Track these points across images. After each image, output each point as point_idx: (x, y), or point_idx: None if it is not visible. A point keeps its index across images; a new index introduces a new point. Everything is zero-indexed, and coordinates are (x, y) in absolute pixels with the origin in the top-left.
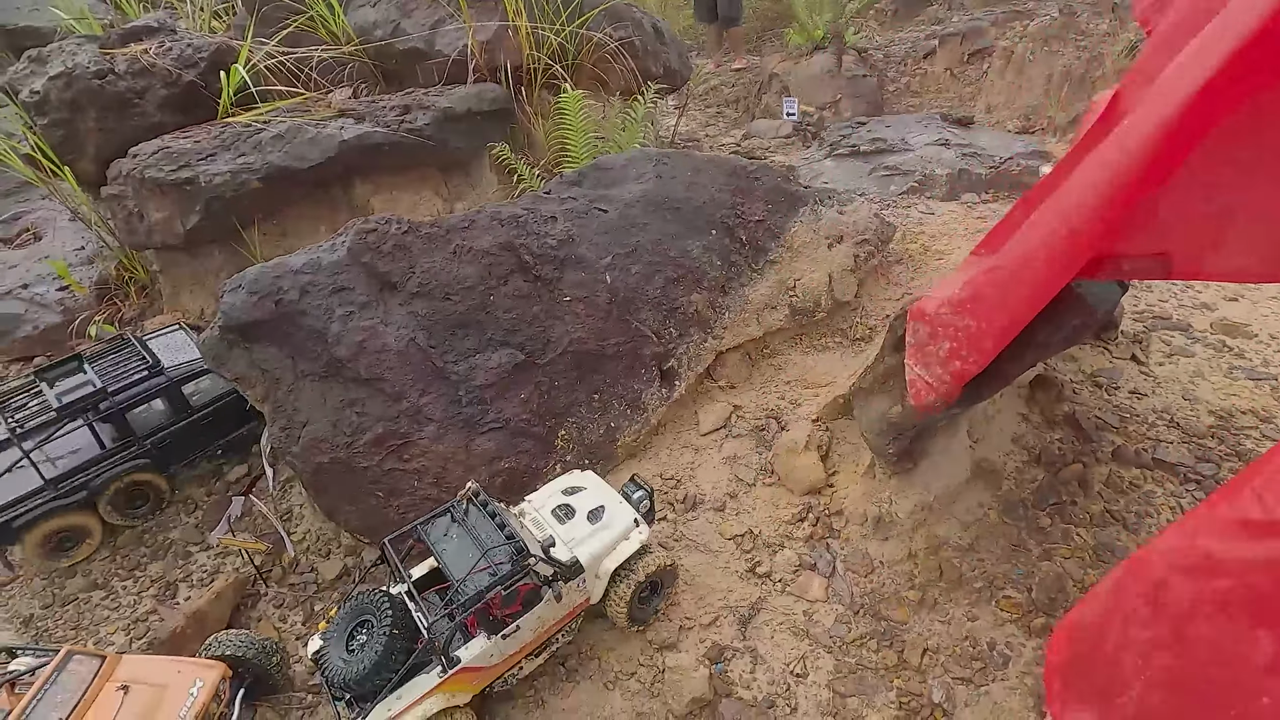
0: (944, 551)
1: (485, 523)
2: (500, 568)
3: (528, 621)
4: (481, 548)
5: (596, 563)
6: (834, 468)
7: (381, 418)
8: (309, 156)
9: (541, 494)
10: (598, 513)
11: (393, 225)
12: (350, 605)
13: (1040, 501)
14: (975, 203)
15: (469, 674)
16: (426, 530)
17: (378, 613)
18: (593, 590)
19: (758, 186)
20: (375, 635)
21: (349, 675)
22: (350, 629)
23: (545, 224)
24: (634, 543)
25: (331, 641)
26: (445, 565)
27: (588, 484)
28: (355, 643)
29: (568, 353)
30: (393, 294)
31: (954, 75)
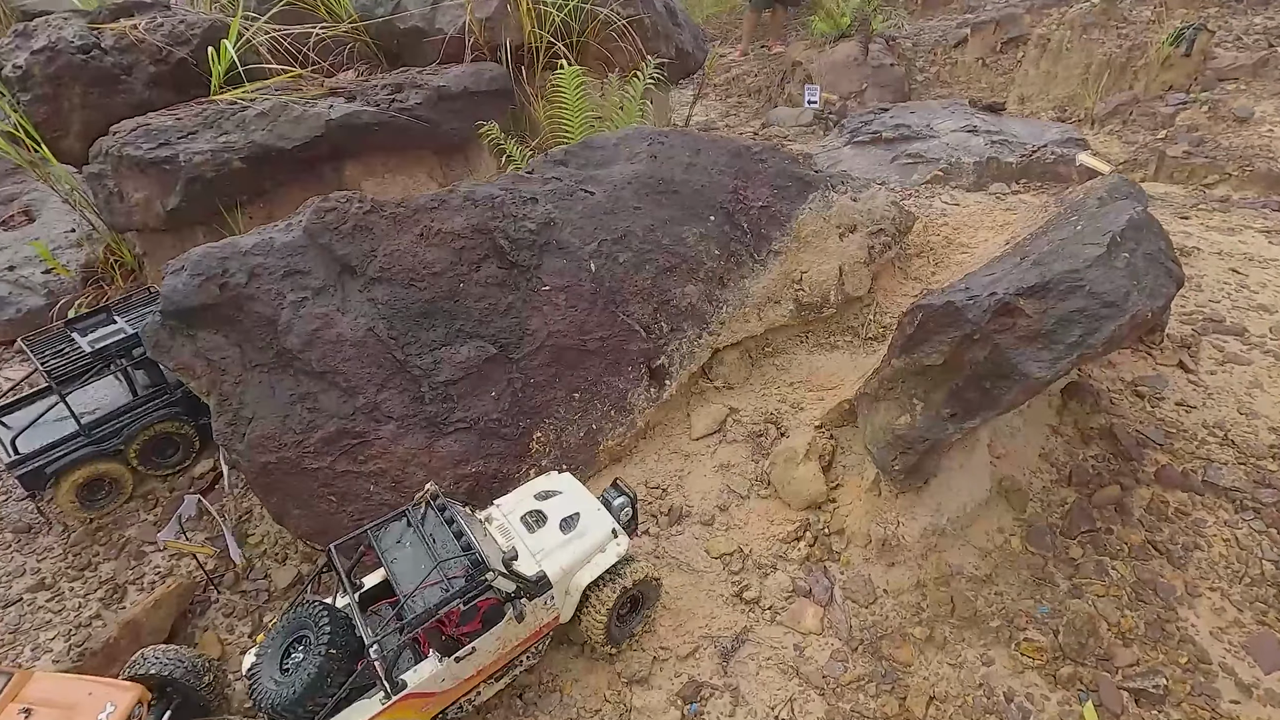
0: (957, 582)
1: (442, 530)
2: (454, 582)
3: (485, 643)
4: (435, 559)
5: (567, 577)
6: (837, 480)
7: (335, 414)
8: (293, 135)
9: (513, 498)
10: (571, 520)
11: (354, 204)
12: (288, 618)
13: (1071, 528)
14: (1005, 193)
15: (417, 700)
16: (378, 536)
17: (315, 628)
18: (562, 608)
19: (763, 169)
20: (310, 653)
21: (279, 699)
22: (286, 645)
23: (524, 206)
24: (610, 555)
25: (265, 658)
26: (394, 577)
27: (564, 488)
28: (290, 661)
29: (545, 347)
30: (352, 279)
31: (986, 65)
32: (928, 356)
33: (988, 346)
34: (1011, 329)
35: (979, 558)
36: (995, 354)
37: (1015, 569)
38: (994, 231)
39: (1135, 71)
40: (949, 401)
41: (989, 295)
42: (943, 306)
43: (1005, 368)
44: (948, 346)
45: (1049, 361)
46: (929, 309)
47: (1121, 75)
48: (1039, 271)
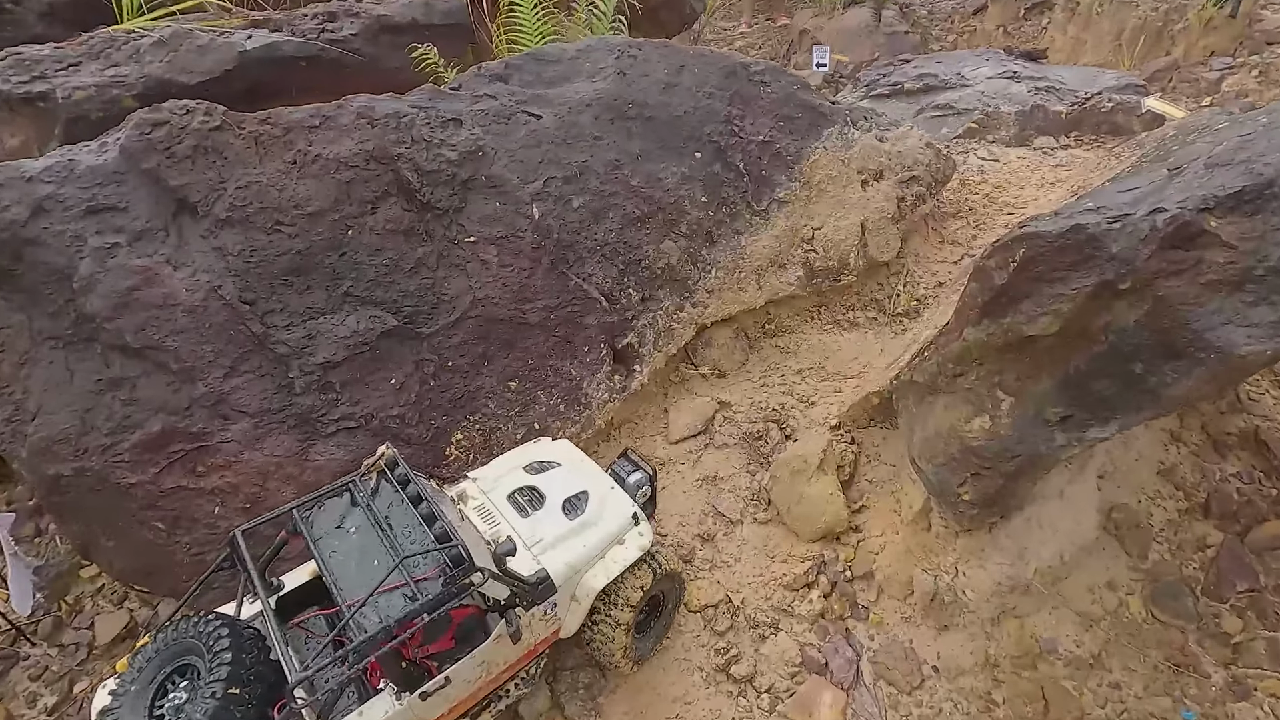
0: (1049, 664)
1: (403, 511)
2: (424, 586)
3: (463, 670)
4: (395, 552)
5: (575, 578)
6: (861, 501)
7: (161, 409)
8: (197, 69)
9: (493, 470)
10: (578, 501)
11: (196, 116)
12: (166, 638)
13: (1219, 584)
14: (1052, 147)
15: None
16: (308, 518)
17: (207, 652)
18: (566, 618)
19: (764, 94)
20: (199, 693)
21: None
22: (161, 680)
23: (442, 128)
24: (631, 549)
25: (126, 700)
26: (332, 577)
27: (562, 457)
28: (166, 704)
29: (469, 319)
30: (191, 220)
31: (1008, 32)
32: (1031, 321)
33: (1146, 301)
34: (1194, 269)
35: (1081, 628)
36: (1161, 313)
37: (1138, 647)
38: (1042, 190)
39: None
40: (1062, 395)
41: (1151, 213)
42: (1064, 234)
43: (1179, 337)
44: (1069, 303)
45: (1273, 326)
46: (1037, 239)
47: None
48: (1245, 171)
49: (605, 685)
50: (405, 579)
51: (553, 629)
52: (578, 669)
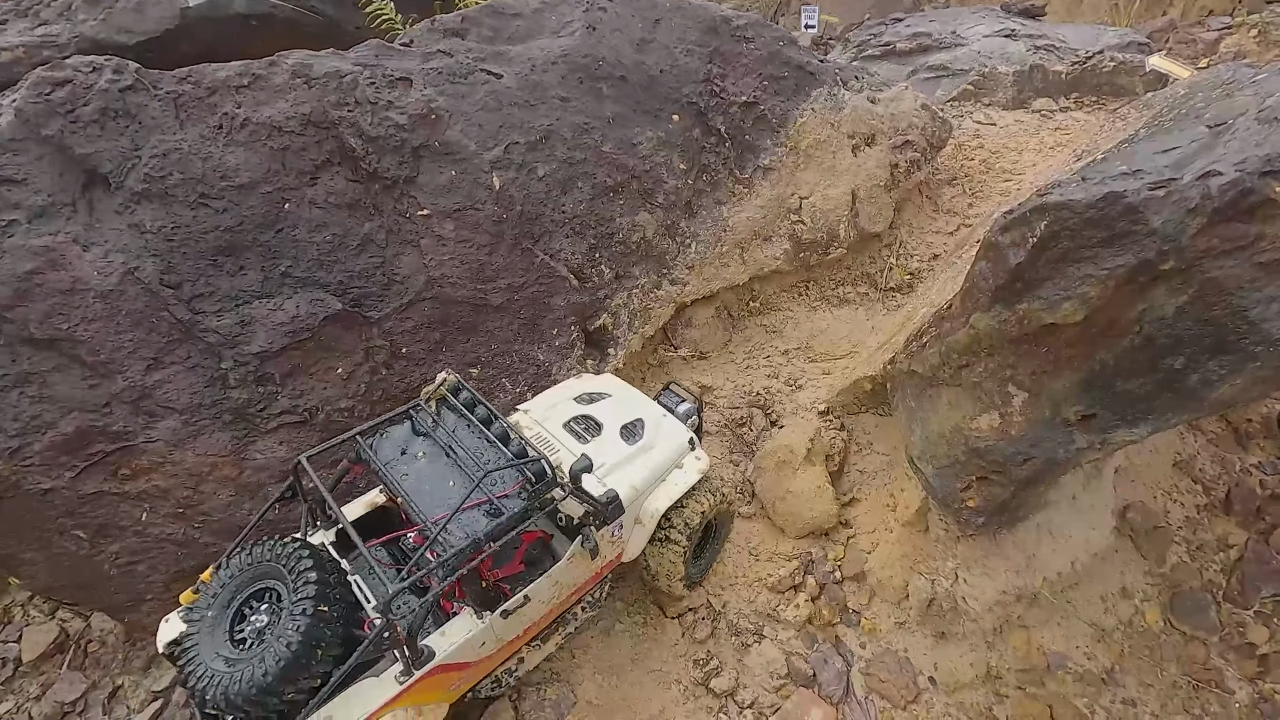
0: (1059, 681)
1: (470, 434)
2: (506, 502)
3: (541, 589)
4: (473, 470)
5: (639, 501)
6: (852, 493)
7: (77, 406)
8: (136, 29)
9: (543, 403)
10: (634, 429)
11: (103, 74)
12: (238, 565)
13: (1244, 590)
14: (1052, 110)
15: (447, 674)
16: (372, 445)
17: (291, 576)
18: (629, 540)
19: (748, 51)
20: (288, 615)
21: (241, 685)
22: (239, 606)
23: (390, 89)
24: (691, 472)
25: (203, 628)
26: (408, 499)
27: (611, 389)
28: (247, 628)
29: (425, 300)
30: (103, 194)
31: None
32: (1052, 307)
33: (1192, 284)
34: (1252, 247)
35: (1094, 640)
36: (1209, 300)
37: (1155, 661)
38: (1041, 155)
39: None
40: (1085, 393)
41: (1202, 177)
42: (1095, 205)
43: (1230, 328)
44: (1098, 286)
45: None
46: (1063, 210)
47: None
48: None
49: (572, 701)
50: (486, 495)
51: (617, 552)
52: (544, 685)
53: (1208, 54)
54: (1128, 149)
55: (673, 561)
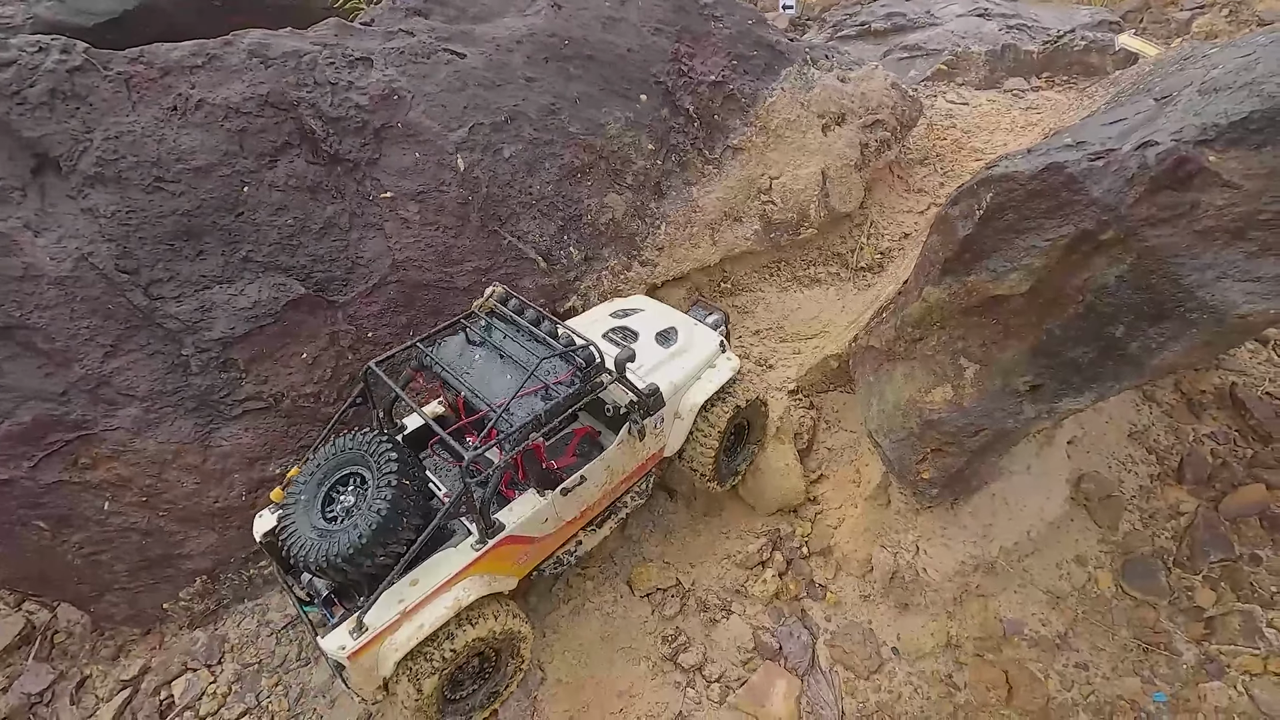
0: (1014, 646)
1: (519, 339)
2: (559, 388)
3: (595, 472)
4: (527, 363)
5: (678, 395)
6: (820, 470)
7: (32, 395)
8: (94, 9)
9: (583, 320)
10: (669, 335)
11: (50, 54)
12: (324, 456)
13: (1193, 556)
14: (1023, 89)
15: (515, 546)
16: (433, 352)
17: (375, 460)
18: (670, 435)
19: (716, 30)
20: (374, 490)
21: (339, 547)
22: (327, 490)
23: (350, 69)
24: (723, 370)
25: (297, 509)
26: (471, 392)
27: (644, 305)
28: (337, 506)
29: (390, 284)
30: (54, 178)
31: None
32: (999, 278)
33: (1131, 253)
34: (1188, 215)
35: (1048, 606)
36: (1148, 268)
37: (1107, 625)
38: (1013, 134)
39: None
40: (1032, 362)
41: (1140, 147)
42: (1038, 175)
43: (1168, 296)
44: (1042, 257)
45: (1279, 281)
46: (1007, 182)
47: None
48: (1251, 94)
49: (540, 679)
50: (541, 382)
51: (659, 445)
52: None
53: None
54: (1080, 123)
55: (707, 455)
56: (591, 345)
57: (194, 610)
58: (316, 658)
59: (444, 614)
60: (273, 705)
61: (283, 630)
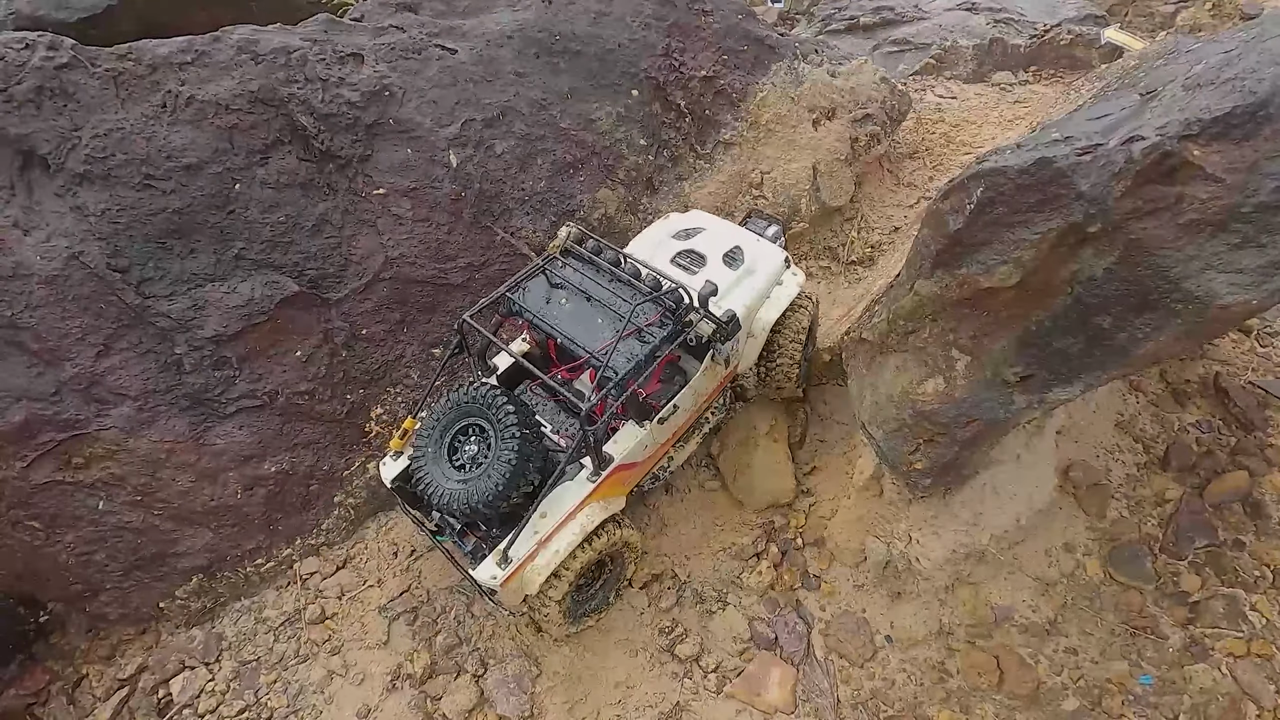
0: (1005, 633)
1: (599, 277)
2: (651, 332)
3: (685, 398)
4: (614, 305)
5: (750, 316)
6: (812, 462)
7: (24, 394)
8: (76, 4)
9: (644, 244)
10: (735, 255)
11: (37, 51)
12: (442, 410)
13: (1178, 542)
14: (1011, 83)
15: (623, 472)
16: (521, 299)
17: (494, 413)
18: (743, 354)
19: (706, 25)
20: (498, 442)
21: (478, 498)
22: (449, 440)
23: (340, 65)
24: (791, 287)
25: (427, 459)
26: (569, 339)
27: (703, 223)
28: (463, 456)
29: (383, 281)
30: (41, 176)
31: None
32: (989, 271)
33: (1117, 246)
34: (1173, 208)
35: (1037, 593)
36: (1133, 260)
37: (1095, 610)
38: (1001, 128)
39: None
40: (1022, 353)
41: (1126, 142)
42: (1027, 170)
43: (1152, 287)
44: (1031, 250)
45: (1260, 272)
46: (997, 176)
47: None
48: (1234, 90)
49: (535, 674)
50: (635, 326)
51: (734, 365)
52: (505, 660)
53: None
54: (1067, 117)
55: (788, 367)
56: (681, 287)
57: (190, 608)
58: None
59: (574, 539)
60: (271, 702)
61: (280, 627)
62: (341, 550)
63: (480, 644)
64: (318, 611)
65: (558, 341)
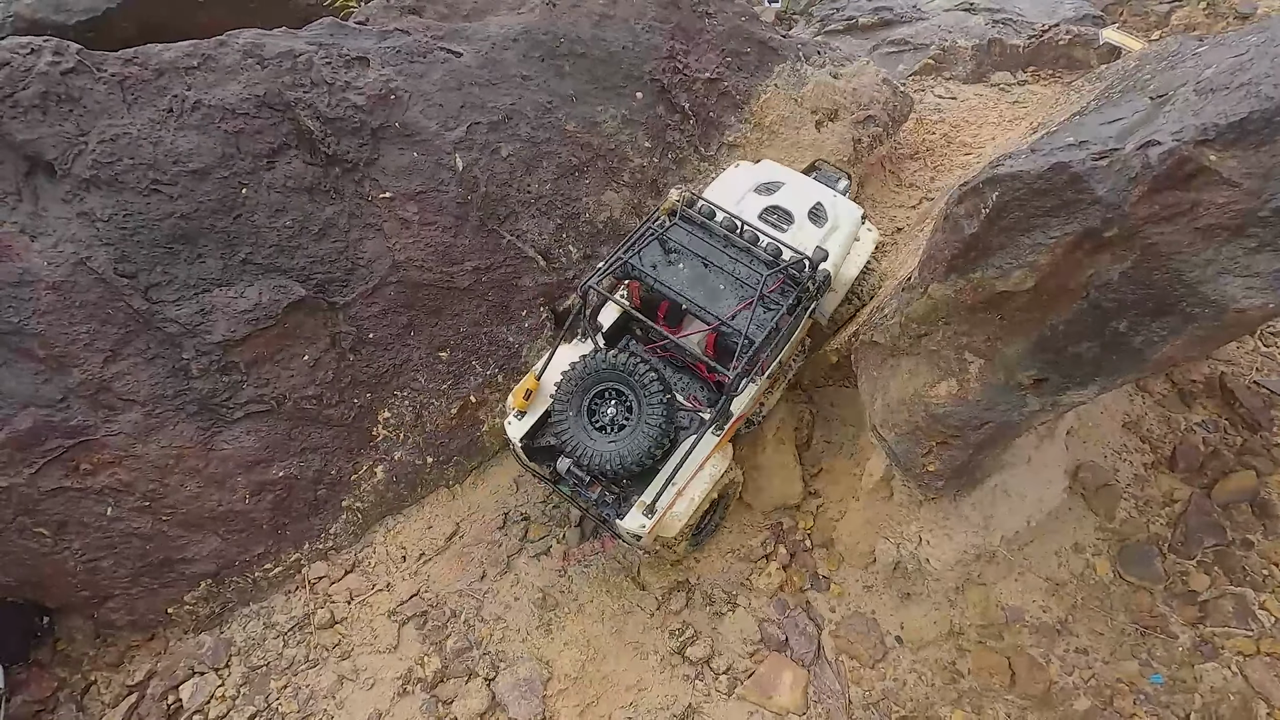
0: (1016, 633)
1: (713, 244)
2: (775, 299)
3: (786, 353)
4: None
5: (835, 272)
6: (820, 464)
7: (30, 401)
8: (75, 6)
9: (721, 195)
10: (819, 211)
11: (43, 56)
12: (578, 375)
13: (1187, 542)
14: (1009, 83)
15: (734, 424)
16: (639, 263)
17: (637, 378)
18: (826, 308)
19: (709, 27)
20: (646, 406)
21: (629, 454)
22: (587, 405)
23: (346, 69)
24: (868, 243)
25: (569, 424)
26: (693, 303)
27: (782, 176)
28: (603, 418)
29: (390, 285)
30: (47, 182)
31: None
32: (1004, 275)
33: (1134, 250)
34: (1189, 213)
35: (1048, 594)
36: (1150, 265)
37: (1105, 610)
38: (1000, 128)
39: None
40: (1036, 357)
41: (1143, 147)
42: (1043, 175)
43: (1169, 291)
44: (1046, 254)
45: (1276, 276)
46: (1013, 181)
47: None
48: (1248, 95)
49: (547, 677)
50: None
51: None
52: (516, 663)
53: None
54: (1078, 121)
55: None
56: (805, 257)
57: (199, 614)
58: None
59: (706, 488)
60: (282, 707)
61: (289, 632)
62: (350, 554)
63: (491, 647)
64: (327, 616)
65: (681, 306)
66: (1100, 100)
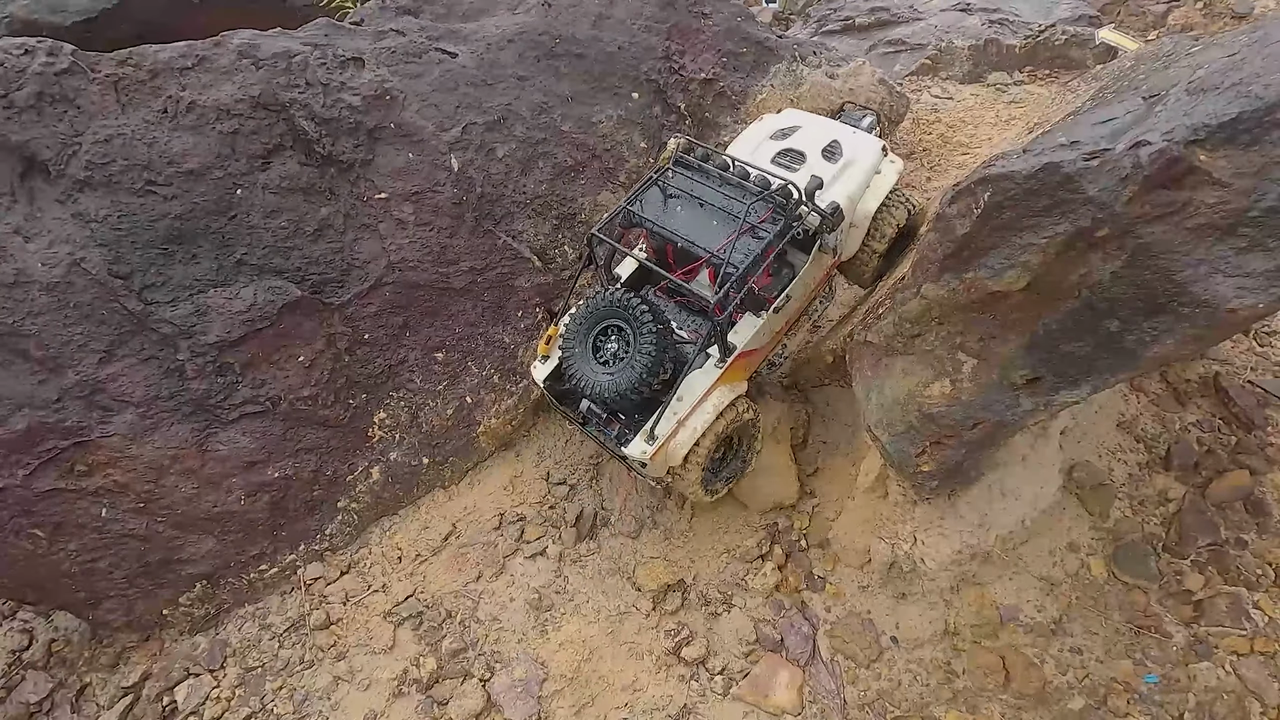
0: (1010, 633)
1: (708, 183)
2: (764, 228)
3: (796, 289)
4: (728, 207)
5: (852, 206)
6: (816, 464)
7: (26, 402)
8: (71, 7)
9: (742, 147)
10: (834, 149)
11: (37, 57)
12: (583, 315)
13: (1181, 541)
14: (1006, 83)
15: (744, 359)
16: (641, 210)
17: (631, 314)
18: (846, 243)
19: (705, 27)
20: (637, 338)
21: (624, 382)
22: (592, 341)
23: (341, 69)
24: (889, 175)
25: (575, 358)
26: (687, 240)
27: (800, 120)
28: (606, 353)
29: (386, 285)
30: (42, 183)
31: None
32: (997, 275)
33: (1125, 250)
34: (1180, 212)
35: (1043, 593)
36: (1142, 264)
37: (1100, 610)
38: (996, 129)
39: None
40: (1029, 356)
41: (1134, 147)
42: (1035, 175)
43: (1161, 291)
44: (1039, 254)
45: (1268, 276)
46: (1005, 181)
47: None
48: (1239, 95)
49: (542, 678)
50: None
51: (839, 254)
52: (512, 664)
53: (1156, 26)
54: (1072, 121)
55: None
56: (789, 183)
57: (194, 615)
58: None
59: (708, 418)
60: (278, 708)
61: (285, 633)
62: (345, 555)
63: (487, 648)
64: (323, 617)
65: (677, 246)
66: (1096, 100)
